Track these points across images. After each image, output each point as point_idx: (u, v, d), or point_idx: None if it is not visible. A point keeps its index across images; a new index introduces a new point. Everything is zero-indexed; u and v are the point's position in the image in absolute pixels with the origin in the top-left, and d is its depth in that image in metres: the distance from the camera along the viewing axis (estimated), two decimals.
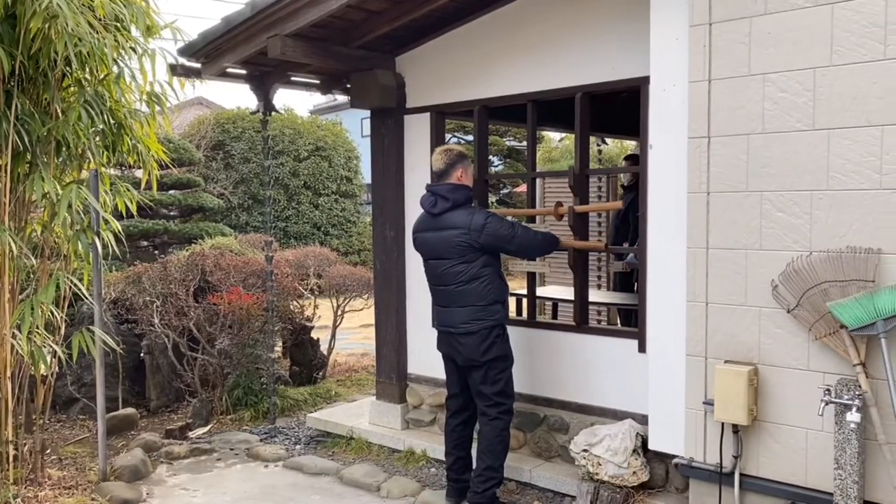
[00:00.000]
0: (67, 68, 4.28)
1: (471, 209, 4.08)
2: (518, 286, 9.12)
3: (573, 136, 4.65)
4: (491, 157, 18.77)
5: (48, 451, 4.91)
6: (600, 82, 4.34)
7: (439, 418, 5.11)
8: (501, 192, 20.58)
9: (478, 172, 5.01)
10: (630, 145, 14.96)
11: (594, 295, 5.84)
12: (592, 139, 9.17)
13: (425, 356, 5.21)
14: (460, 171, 4.13)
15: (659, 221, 3.83)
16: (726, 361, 3.41)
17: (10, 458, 4.21)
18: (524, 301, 5.53)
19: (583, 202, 4.62)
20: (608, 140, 12.46)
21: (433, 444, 4.93)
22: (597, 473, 4.01)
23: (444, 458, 4.79)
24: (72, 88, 4.57)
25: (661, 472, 4.05)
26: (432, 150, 5.13)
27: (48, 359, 4.41)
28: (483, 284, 4.00)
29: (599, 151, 10.43)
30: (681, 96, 3.59)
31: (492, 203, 17.66)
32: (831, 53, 3.10)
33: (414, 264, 5.24)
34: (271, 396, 6.09)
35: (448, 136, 18.21)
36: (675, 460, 3.68)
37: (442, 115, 5.20)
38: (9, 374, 4.17)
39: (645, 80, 3.92)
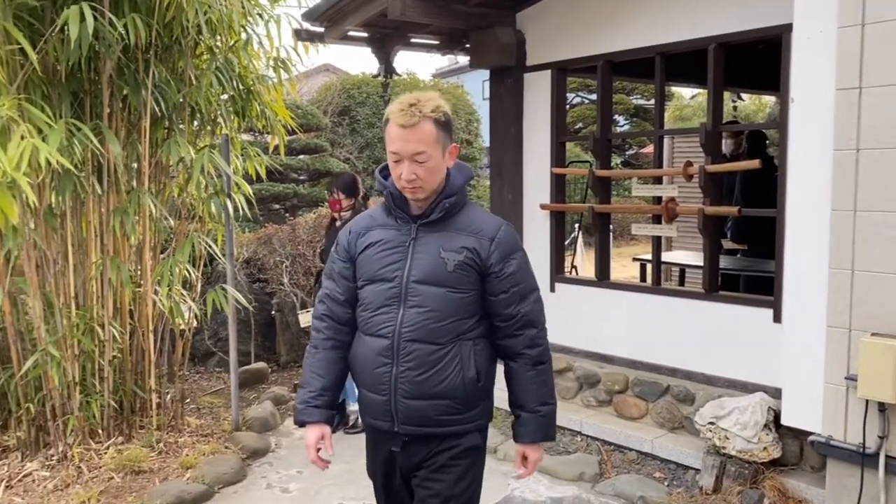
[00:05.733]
0: (199, 36, 4.45)
1: None
2: (643, 251, 8.84)
3: (706, 91, 4.37)
4: (616, 116, 18.16)
5: (187, 400, 5.25)
6: (736, 32, 4.04)
7: (557, 383, 5.01)
8: (626, 152, 19.92)
9: (600, 132, 4.83)
10: (769, 101, 14.04)
11: (724, 261, 5.53)
12: (727, 95, 8.64)
13: None
14: None
15: (800, 182, 3.54)
16: (873, 334, 3.12)
17: (154, 406, 4.53)
18: (649, 266, 5.32)
19: (715, 162, 4.35)
20: (744, 96, 11.74)
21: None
22: (723, 447, 3.82)
23: (562, 424, 4.73)
24: (204, 56, 4.76)
25: (794, 450, 3.81)
26: (553, 110, 4.99)
27: (185, 314, 4.69)
28: None
29: (735, 108, 9.83)
30: (828, 44, 3.27)
31: (616, 164, 17.16)
32: None
33: (532, 229, 5.16)
34: None
35: (570, 94, 17.79)
36: (812, 438, 3.44)
37: (563, 73, 5.03)
38: (151, 328, 4.47)
39: (787, 28, 3.61)
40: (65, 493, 3.81)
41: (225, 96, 4.80)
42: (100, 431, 4.26)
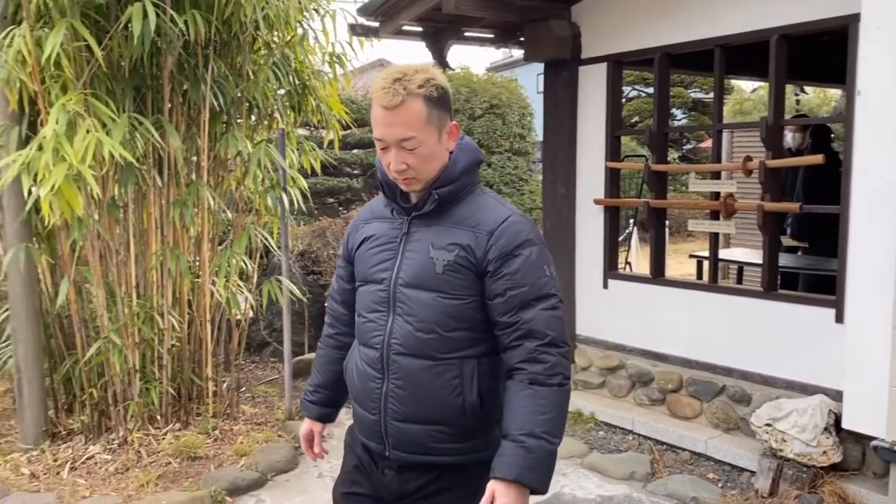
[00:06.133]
0: (257, 32, 4.53)
1: None
2: (699, 248, 8.65)
3: (767, 84, 4.25)
4: (673, 110, 17.81)
5: (243, 389, 5.37)
6: (800, 23, 3.91)
7: (609, 381, 4.98)
8: (684, 147, 19.52)
9: (657, 125, 4.75)
10: (835, 94, 13.60)
11: (784, 258, 5.38)
12: (789, 87, 8.39)
13: (594, 318, 5.08)
14: None
15: (866, 177, 3.41)
16: None
17: (210, 394, 4.64)
18: (705, 263, 5.21)
19: (776, 157, 4.22)
20: (808, 88, 11.39)
21: (602, 407, 4.82)
22: (781, 450, 3.72)
23: (613, 423, 4.69)
24: (261, 51, 4.84)
25: (856, 454, 3.69)
26: (608, 103, 4.92)
27: (242, 305, 4.79)
28: None
29: (797, 101, 9.55)
30: None
31: (673, 159, 16.83)
32: None
33: (585, 224, 5.11)
34: None
35: (626, 88, 17.48)
36: (875, 443, 3.33)
37: (619, 65, 4.95)
38: (209, 317, 4.57)
39: (854, 19, 3.48)
40: (125, 476, 3.94)
41: (281, 91, 4.87)
42: (158, 417, 4.39)
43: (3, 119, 4.03)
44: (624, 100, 10.72)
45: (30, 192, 3.70)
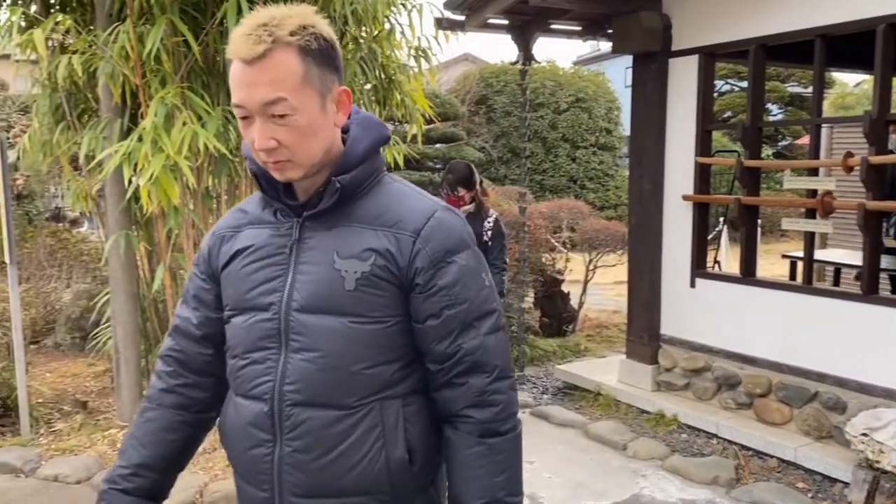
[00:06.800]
0: (345, 26, 4.61)
1: None
2: (794, 248, 8.30)
3: (872, 77, 4.03)
4: (768, 104, 17.12)
5: None
6: None
7: (693, 383, 4.84)
8: (779, 143, 18.75)
9: (751, 120, 4.57)
10: None
11: (886, 261, 5.09)
12: None
13: (680, 317, 4.94)
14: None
15: None
16: None
17: None
18: (799, 264, 4.99)
19: (880, 153, 4.00)
20: None
21: (685, 410, 4.69)
22: (878, 461, 3.53)
23: (697, 426, 4.56)
24: (349, 46, 4.92)
25: None
26: (699, 97, 4.78)
27: None
28: None
29: None
30: None
31: (766, 156, 16.19)
32: None
33: (672, 221, 4.98)
34: (521, 345, 6.21)
35: (718, 81, 16.93)
36: None
37: (712, 58, 4.79)
38: None
39: None
40: (212, 456, 4.10)
41: (368, 86, 4.94)
42: None
43: (107, 111, 4.26)
44: (715, 94, 10.39)
45: (130, 182, 3.89)
